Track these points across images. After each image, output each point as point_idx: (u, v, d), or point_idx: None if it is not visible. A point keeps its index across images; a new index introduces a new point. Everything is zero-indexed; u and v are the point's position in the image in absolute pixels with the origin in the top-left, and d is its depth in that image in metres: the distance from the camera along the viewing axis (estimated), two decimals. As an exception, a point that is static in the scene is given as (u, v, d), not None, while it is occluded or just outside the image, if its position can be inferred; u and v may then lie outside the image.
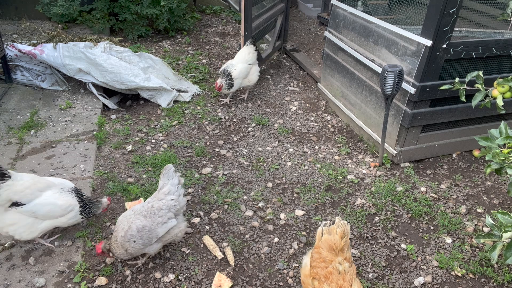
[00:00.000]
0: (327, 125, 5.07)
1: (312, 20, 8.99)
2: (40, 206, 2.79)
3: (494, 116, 4.35)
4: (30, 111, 4.82)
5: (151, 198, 2.89)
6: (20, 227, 2.79)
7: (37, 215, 2.82)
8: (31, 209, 2.77)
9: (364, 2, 4.92)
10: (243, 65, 5.21)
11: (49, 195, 2.86)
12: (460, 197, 3.90)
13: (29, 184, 2.78)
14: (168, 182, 2.85)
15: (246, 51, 5.29)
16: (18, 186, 2.71)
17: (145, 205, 2.86)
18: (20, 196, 2.72)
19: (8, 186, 2.65)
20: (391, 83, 3.54)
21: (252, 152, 4.46)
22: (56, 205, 2.85)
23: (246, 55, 5.28)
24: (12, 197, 2.69)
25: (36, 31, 6.74)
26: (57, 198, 2.87)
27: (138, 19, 7.15)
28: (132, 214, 2.83)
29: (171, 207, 2.82)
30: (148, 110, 5.23)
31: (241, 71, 5.16)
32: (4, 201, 2.68)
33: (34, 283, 2.83)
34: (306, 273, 2.54)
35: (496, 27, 4.08)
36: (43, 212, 2.82)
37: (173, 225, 2.87)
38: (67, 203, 2.91)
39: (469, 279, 3.06)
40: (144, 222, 2.76)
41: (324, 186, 3.95)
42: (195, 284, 2.93)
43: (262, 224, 3.49)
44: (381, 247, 3.31)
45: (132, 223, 2.76)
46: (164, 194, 2.83)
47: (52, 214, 2.86)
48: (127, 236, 2.73)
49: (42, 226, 2.88)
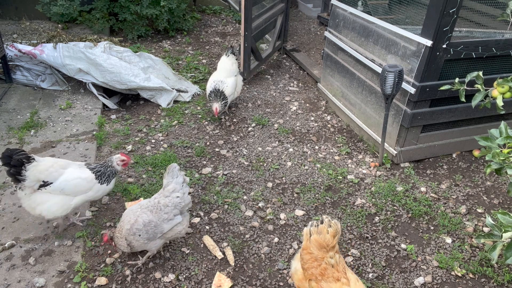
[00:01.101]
0: (327, 125, 5.07)
1: (312, 20, 8.99)
2: (66, 182, 2.93)
3: (494, 116, 4.35)
4: (30, 111, 4.82)
5: (157, 195, 2.91)
6: (52, 206, 2.93)
7: (66, 192, 2.95)
8: (59, 186, 2.91)
9: (364, 2, 4.92)
10: (231, 79, 4.90)
11: (72, 171, 3.00)
12: (460, 197, 3.90)
13: (51, 163, 2.95)
14: (173, 181, 2.87)
15: (229, 62, 4.95)
16: (42, 166, 2.86)
17: (151, 200, 2.89)
18: (46, 174, 2.87)
19: (34, 166, 2.81)
20: (391, 83, 3.55)
21: (252, 152, 4.46)
22: (81, 178, 2.99)
23: (230, 66, 4.94)
24: (39, 176, 2.84)
25: (36, 31, 6.74)
26: (80, 172, 3.01)
27: (138, 19, 7.15)
28: (138, 208, 2.86)
29: (176, 204, 2.85)
30: (148, 110, 5.23)
31: (232, 87, 4.88)
32: (34, 181, 2.83)
33: (34, 283, 2.83)
34: (300, 277, 2.51)
35: (496, 27, 4.08)
36: (71, 187, 2.94)
37: (178, 221, 2.89)
38: (90, 175, 3.04)
39: (469, 279, 3.06)
40: (150, 217, 2.79)
41: (324, 186, 3.95)
42: (195, 284, 2.93)
43: (262, 224, 3.49)
44: (381, 247, 3.31)
45: (139, 217, 2.79)
46: (169, 192, 2.85)
47: (79, 188, 2.99)
48: (133, 230, 2.76)
49: (73, 202, 3.01)
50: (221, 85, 4.77)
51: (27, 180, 2.80)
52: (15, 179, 2.79)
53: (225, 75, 4.90)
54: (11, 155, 2.73)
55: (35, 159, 2.84)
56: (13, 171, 2.75)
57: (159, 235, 2.84)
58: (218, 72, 4.99)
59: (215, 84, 4.79)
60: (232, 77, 4.94)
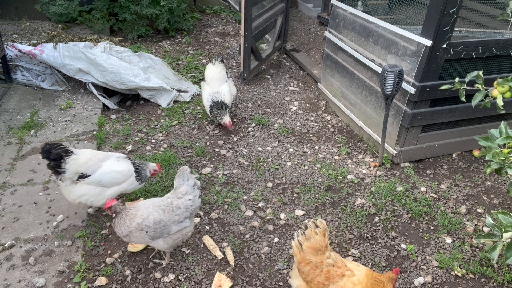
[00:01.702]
0: (327, 125, 5.07)
1: (312, 20, 8.99)
2: (104, 175, 3.06)
3: (494, 116, 4.35)
4: (30, 111, 4.82)
5: (170, 195, 2.88)
6: (90, 197, 3.08)
7: (103, 184, 3.08)
8: (96, 179, 3.05)
9: (364, 2, 4.92)
10: (224, 86, 4.78)
11: (109, 164, 3.12)
12: (460, 197, 3.90)
13: (90, 156, 3.07)
14: (184, 183, 2.85)
15: (217, 70, 4.81)
16: (81, 159, 2.99)
17: (164, 200, 2.86)
18: (85, 167, 3.00)
19: (73, 159, 2.94)
20: (391, 83, 3.55)
21: (252, 152, 4.46)
22: (118, 172, 3.11)
23: (218, 74, 4.80)
24: (78, 169, 2.97)
25: (36, 31, 6.74)
26: (117, 165, 3.13)
27: (138, 19, 7.15)
28: (151, 204, 2.82)
29: (188, 207, 2.83)
30: (148, 110, 5.23)
31: (229, 93, 4.77)
32: (73, 173, 2.96)
33: (34, 283, 2.83)
34: None
35: (496, 27, 4.08)
36: (107, 179, 3.08)
37: (186, 225, 2.88)
38: (126, 168, 3.15)
39: (469, 279, 3.06)
40: (162, 216, 2.77)
41: (324, 186, 3.95)
42: (195, 284, 2.92)
43: (262, 224, 3.49)
44: (381, 247, 3.31)
45: (151, 214, 2.76)
46: (182, 194, 2.83)
47: (115, 180, 3.12)
48: (142, 225, 2.72)
49: (108, 193, 3.13)
50: (218, 96, 4.64)
51: (67, 173, 2.92)
52: (55, 172, 2.91)
53: (217, 84, 4.77)
54: (50, 150, 2.84)
55: (74, 153, 2.96)
56: (53, 165, 2.87)
57: (165, 236, 2.82)
58: (209, 83, 4.81)
59: (212, 97, 4.64)
60: (224, 83, 4.82)
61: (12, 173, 3.84)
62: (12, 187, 3.66)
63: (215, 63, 4.81)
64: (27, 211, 3.43)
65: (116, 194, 3.20)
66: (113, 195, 3.17)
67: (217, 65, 4.82)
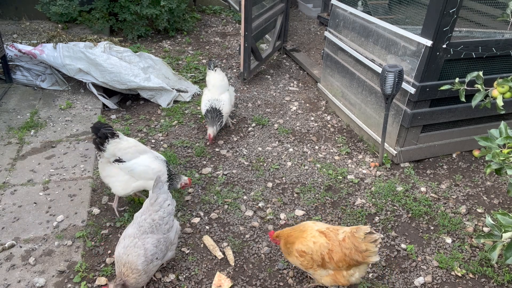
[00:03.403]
0: (327, 125, 5.07)
1: (312, 20, 8.99)
2: (136, 166, 3.20)
3: (494, 116, 4.35)
4: (30, 111, 4.82)
5: (144, 214, 2.73)
6: (117, 181, 3.22)
7: (133, 173, 3.21)
8: (129, 167, 3.18)
9: (364, 2, 4.92)
10: (225, 95, 4.60)
11: (145, 158, 3.26)
12: (460, 197, 3.90)
13: (131, 145, 3.22)
14: (160, 192, 2.78)
15: (219, 77, 4.63)
16: (123, 144, 3.15)
17: (143, 224, 2.69)
18: (122, 153, 3.15)
19: (116, 142, 3.11)
20: (391, 83, 3.55)
21: (252, 152, 4.46)
22: (150, 168, 3.23)
23: (220, 82, 4.62)
24: (116, 153, 3.13)
25: (36, 31, 6.74)
26: (152, 162, 3.26)
27: (138, 19, 7.15)
28: (133, 239, 2.64)
29: (170, 211, 2.79)
30: (148, 110, 5.23)
31: (229, 103, 4.59)
32: (110, 154, 3.12)
33: (34, 283, 2.83)
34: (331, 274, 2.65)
35: (496, 27, 4.08)
36: (138, 171, 3.20)
37: (176, 223, 2.89)
38: (159, 168, 3.26)
39: (469, 279, 3.06)
40: (155, 236, 2.68)
41: (324, 186, 3.95)
42: (195, 284, 2.93)
43: (262, 224, 3.49)
44: (381, 247, 3.31)
45: (146, 244, 2.62)
46: (160, 205, 2.74)
47: (145, 175, 3.22)
48: (149, 258, 2.61)
49: (134, 184, 3.24)
50: (217, 103, 4.47)
51: (106, 152, 3.10)
52: (97, 148, 3.11)
53: (219, 92, 4.59)
54: (100, 128, 3.06)
55: (119, 137, 3.14)
56: (98, 141, 3.08)
57: (170, 246, 2.80)
58: (211, 90, 4.62)
59: (210, 103, 4.47)
60: (226, 92, 4.64)
61: (12, 173, 3.84)
62: (12, 187, 3.67)
63: (216, 70, 4.63)
64: (27, 211, 3.43)
65: (140, 188, 3.30)
66: (137, 188, 3.27)
67: (218, 72, 4.65)
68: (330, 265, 2.58)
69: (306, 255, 2.62)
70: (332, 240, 2.57)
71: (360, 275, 2.61)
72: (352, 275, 2.59)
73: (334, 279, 2.62)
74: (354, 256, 2.48)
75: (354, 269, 2.57)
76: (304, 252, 2.63)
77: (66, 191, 3.68)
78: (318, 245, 2.59)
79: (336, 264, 2.55)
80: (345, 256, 2.50)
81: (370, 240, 2.43)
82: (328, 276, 2.64)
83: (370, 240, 2.43)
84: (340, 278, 2.60)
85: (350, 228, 2.57)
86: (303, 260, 2.66)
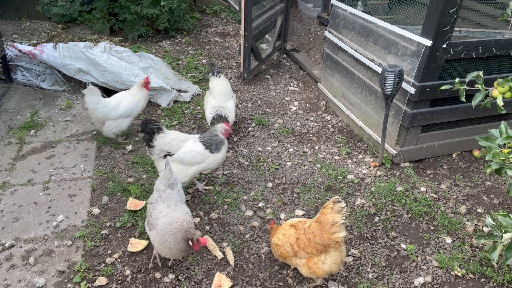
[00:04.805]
0: (327, 125, 5.07)
1: (312, 20, 8.99)
2: (184, 154, 3.36)
3: (494, 116, 4.35)
4: (30, 111, 4.82)
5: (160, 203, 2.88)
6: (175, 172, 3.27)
7: (184, 162, 3.38)
8: (178, 157, 3.36)
9: (364, 2, 4.92)
10: (230, 102, 4.53)
11: (189, 144, 3.43)
12: (460, 197, 3.90)
13: (174, 136, 3.40)
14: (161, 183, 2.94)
15: (224, 84, 4.56)
16: (166, 138, 3.34)
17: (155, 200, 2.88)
18: (169, 146, 3.33)
19: (161, 137, 3.31)
20: (391, 83, 3.55)
21: (252, 152, 4.46)
22: (196, 151, 3.38)
23: (225, 89, 4.54)
24: (163, 147, 3.32)
25: (36, 31, 6.74)
26: (195, 146, 3.41)
27: (138, 19, 7.15)
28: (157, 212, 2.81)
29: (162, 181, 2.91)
30: (148, 110, 5.23)
31: (234, 111, 4.54)
32: (159, 150, 3.33)
33: (34, 283, 2.83)
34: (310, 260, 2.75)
35: (496, 27, 4.08)
36: (187, 158, 3.37)
37: None
38: (203, 149, 3.40)
39: (469, 279, 3.06)
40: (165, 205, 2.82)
41: (324, 186, 3.95)
42: (195, 284, 2.93)
43: (262, 224, 3.49)
44: (381, 247, 3.31)
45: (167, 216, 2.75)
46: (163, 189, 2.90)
47: (194, 160, 3.39)
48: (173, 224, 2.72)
49: (190, 171, 3.42)
50: (223, 111, 4.38)
51: (155, 148, 3.30)
52: (147, 144, 3.32)
53: (224, 99, 4.49)
54: (147, 124, 3.25)
55: (164, 131, 3.33)
56: (146, 138, 3.29)
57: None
58: (215, 96, 4.50)
59: (216, 110, 4.37)
60: (231, 100, 4.56)
61: (12, 173, 3.84)
62: (12, 187, 3.67)
63: (220, 76, 4.57)
64: (27, 211, 3.43)
65: (198, 172, 3.48)
66: (195, 172, 3.45)
67: (222, 78, 4.59)
68: (300, 253, 2.70)
69: (280, 247, 2.80)
70: (299, 230, 2.73)
71: (333, 262, 2.67)
72: (324, 262, 2.67)
73: (308, 269, 2.73)
74: (318, 239, 2.59)
75: (325, 256, 2.66)
76: (277, 245, 2.82)
77: (66, 191, 3.68)
78: (287, 236, 2.77)
79: (304, 251, 2.67)
80: (309, 241, 2.63)
81: (337, 210, 2.52)
82: (303, 266, 2.75)
83: (337, 209, 2.52)
84: (312, 265, 2.69)
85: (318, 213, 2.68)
86: (277, 251, 2.84)
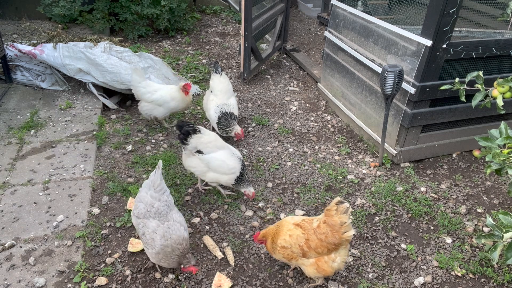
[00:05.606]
0: (327, 125, 5.07)
1: (312, 20, 8.99)
2: (213, 159, 3.49)
3: (494, 116, 4.35)
4: (30, 111, 4.82)
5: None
6: (196, 170, 3.58)
7: (209, 166, 3.50)
8: (207, 159, 3.48)
9: (364, 2, 4.92)
10: (232, 100, 4.55)
11: (223, 153, 3.53)
12: (460, 197, 3.90)
13: (211, 139, 3.52)
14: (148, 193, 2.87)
15: (226, 82, 4.53)
16: (204, 139, 3.46)
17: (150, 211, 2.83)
18: (202, 147, 3.47)
19: (198, 137, 3.43)
20: (391, 83, 3.55)
21: (252, 152, 4.45)
22: (225, 163, 3.49)
23: (227, 87, 4.52)
24: (197, 146, 3.45)
25: (36, 31, 6.74)
26: (228, 158, 3.52)
27: (139, 19, 7.15)
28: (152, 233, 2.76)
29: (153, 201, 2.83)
30: (148, 110, 5.23)
31: (237, 107, 4.58)
32: (193, 147, 3.45)
33: (34, 283, 2.83)
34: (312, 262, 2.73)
35: (496, 27, 4.08)
36: (214, 164, 3.49)
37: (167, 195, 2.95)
38: (233, 164, 3.51)
39: (469, 279, 3.06)
40: (157, 221, 2.76)
41: (324, 186, 3.95)
42: (195, 284, 2.92)
43: (262, 224, 3.49)
44: (381, 247, 3.31)
45: (157, 231, 2.73)
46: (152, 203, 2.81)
47: (219, 169, 3.50)
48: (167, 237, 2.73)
49: (209, 175, 3.55)
50: (227, 108, 4.40)
51: (189, 145, 3.45)
52: (181, 142, 3.45)
53: (227, 96, 4.49)
54: (182, 126, 3.41)
55: (201, 132, 3.45)
56: (181, 137, 3.42)
57: None
58: (217, 95, 4.47)
59: (220, 108, 4.38)
60: (232, 97, 4.57)
61: (12, 173, 3.84)
62: (12, 187, 3.67)
63: (221, 74, 4.51)
64: (27, 211, 3.43)
65: (214, 180, 3.58)
66: (212, 179, 3.57)
67: (223, 76, 4.53)
68: (310, 254, 2.67)
69: (286, 249, 2.72)
70: (307, 230, 2.68)
71: (342, 260, 2.69)
72: (334, 260, 2.67)
73: (317, 268, 2.70)
74: (331, 239, 2.58)
75: (335, 254, 2.66)
76: (284, 247, 2.73)
77: (66, 191, 3.68)
78: (294, 237, 2.70)
79: (315, 251, 2.64)
80: (321, 241, 2.61)
81: (342, 211, 2.53)
82: (310, 266, 2.72)
83: (342, 210, 2.53)
84: (323, 264, 2.68)
85: (323, 214, 2.66)
86: (283, 253, 2.76)
